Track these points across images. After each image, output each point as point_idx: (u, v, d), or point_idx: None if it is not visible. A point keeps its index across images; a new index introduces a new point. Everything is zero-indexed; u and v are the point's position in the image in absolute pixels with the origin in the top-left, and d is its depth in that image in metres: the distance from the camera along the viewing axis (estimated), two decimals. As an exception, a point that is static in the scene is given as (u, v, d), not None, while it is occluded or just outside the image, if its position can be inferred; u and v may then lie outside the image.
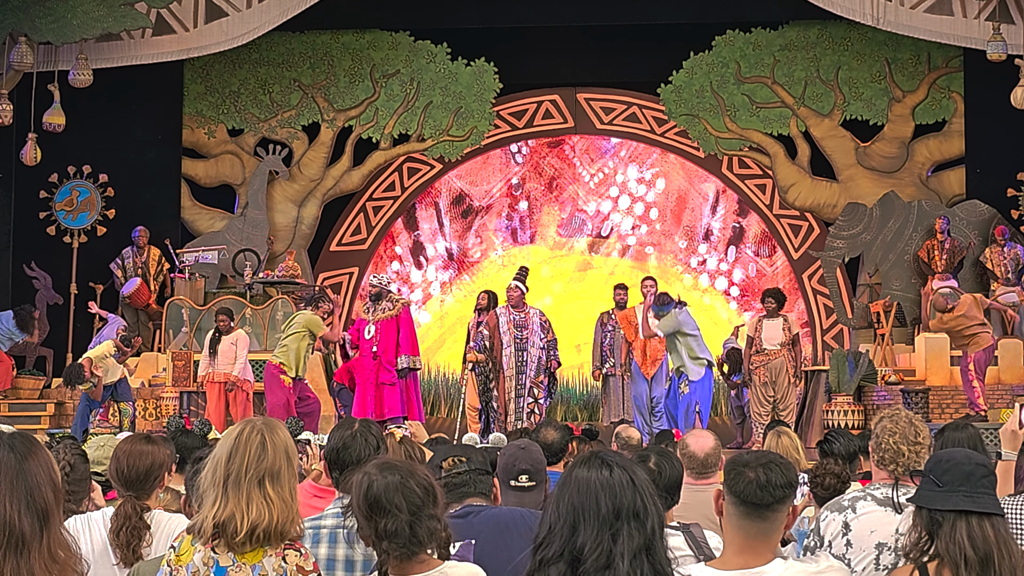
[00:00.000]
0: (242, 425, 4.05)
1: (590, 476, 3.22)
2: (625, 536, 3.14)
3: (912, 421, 5.03)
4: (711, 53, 21.20)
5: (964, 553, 3.72)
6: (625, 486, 3.21)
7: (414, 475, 3.87)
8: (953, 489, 3.81)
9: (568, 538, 3.15)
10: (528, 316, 16.63)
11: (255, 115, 21.64)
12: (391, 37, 21.55)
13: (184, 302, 19.25)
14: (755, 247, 21.69)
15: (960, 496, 3.80)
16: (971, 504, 3.78)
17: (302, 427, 12.67)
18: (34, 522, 3.19)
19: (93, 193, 20.86)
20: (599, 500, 3.17)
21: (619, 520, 3.16)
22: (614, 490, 3.19)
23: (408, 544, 3.78)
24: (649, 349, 16.91)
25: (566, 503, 3.20)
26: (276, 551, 3.96)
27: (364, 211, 21.80)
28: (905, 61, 20.94)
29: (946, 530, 3.77)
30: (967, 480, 3.82)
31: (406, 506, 3.79)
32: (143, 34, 18.64)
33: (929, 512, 3.83)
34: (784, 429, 7.87)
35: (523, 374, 16.47)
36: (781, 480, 3.81)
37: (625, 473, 3.23)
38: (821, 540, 4.88)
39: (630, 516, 3.17)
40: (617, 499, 3.18)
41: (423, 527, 3.79)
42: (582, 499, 3.18)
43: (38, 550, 3.18)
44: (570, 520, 3.17)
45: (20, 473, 3.23)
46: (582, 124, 21.77)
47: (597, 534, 3.14)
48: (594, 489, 3.19)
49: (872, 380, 17.39)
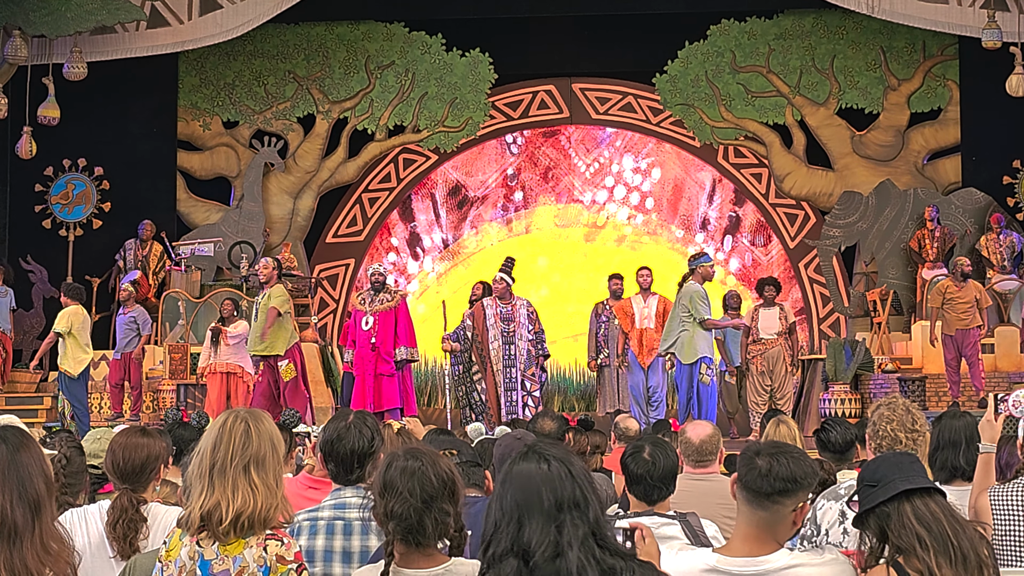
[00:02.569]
0: (226, 415, 4.08)
1: (530, 470, 3.24)
2: (569, 526, 3.17)
3: (909, 409, 5.04)
4: (706, 42, 21.19)
5: (917, 534, 3.73)
6: (564, 478, 3.23)
7: (436, 465, 3.90)
8: (888, 479, 3.83)
9: (515, 533, 3.18)
10: (515, 308, 16.60)
11: (250, 107, 21.62)
12: (386, 28, 21.53)
13: (180, 295, 19.24)
14: (751, 236, 21.70)
15: (897, 481, 3.81)
16: (908, 483, 3.80)
17: (299, 419, 12.66)
18: (26, 512, 3.20)
19: (88, 186, 20.85)
20: (541, 494, 3.19)
21: (562, 512, 3.18)
22: (554, 483, 3.21)
23: (414, 531, 3.81)
24: (645, 339, 16.90)
25: (509, 499, 3.22)
26: (257, 541, 3.96)
27: (360, 203, 21.80)
28: (900, 49, 20.93)
29: (895, 520, 3.78)
30: (898, 468, 3.86)
31: (419, 492, 3.82)
32: (137, 27, 18.62)
33: (874, 513, 3.82)
34: (784, 417, 7.86)
35: (512, 367, 16.45)
36: (785, 472, 3.80)
37: (563, 465, 3.25)
38: (818, 528, 4.89)
39: (572, 507, 3.19)
40: (558, 491, 3.20)
41: (431, 517, 3.81)
42: (524, 494, 3.20)
43: (31, 540, 3.19)
44: (515, 515, 3.19)
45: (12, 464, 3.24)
46: (577, 114, 21.76)
47: (543, 527, 3.16)
48: (535, 483, 3.21)
49: (869, 368, 17.41)
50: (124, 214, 20.47)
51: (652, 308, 16.97)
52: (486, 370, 16.57)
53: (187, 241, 20.37)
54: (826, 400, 17.03)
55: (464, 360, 16.67)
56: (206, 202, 21.55)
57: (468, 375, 16.70)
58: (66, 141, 19.97)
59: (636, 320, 16.96)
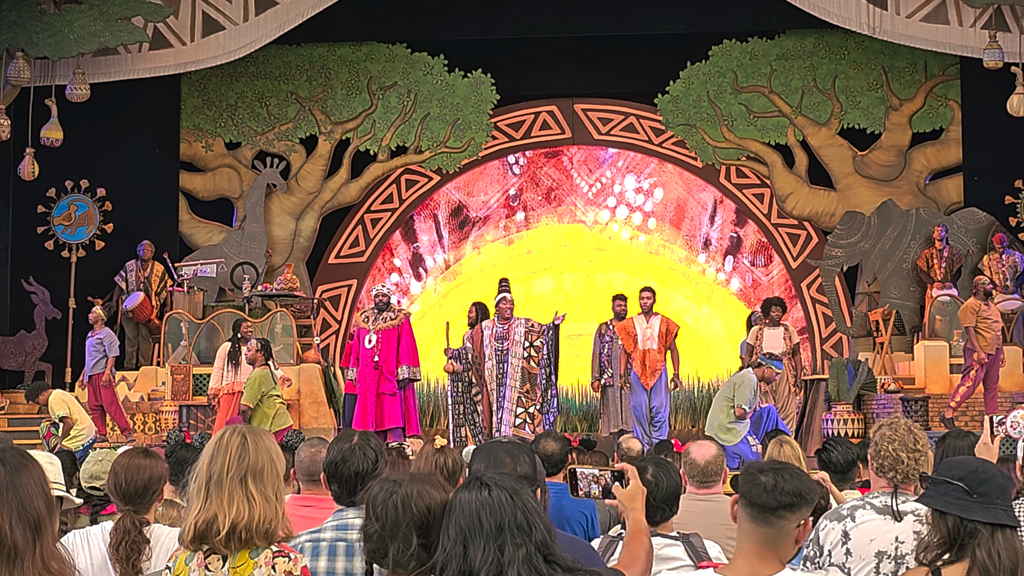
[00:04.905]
0: (224, 430, 4.08)
1: (471, 498, 3.43)
2: (511, 546, 3.34)
3: (911, 429, 5.02)
4: (708, 63, 21.22)
5: (1001, 564, 3.83)
6: (504, 503, 3.41)
7: (414, 495, 3.81)
8: (990, 501, 3.91)
9: (462, 557, 3.37)
10: (511, 327, 16.59)
11: (252, 128, 21.65)
12: (388, 49, 21.57)
13: (183, 315, 19.24)
14: (751, 256, 21.70)
15: (999, 509, 3.91)
16: (1008, 519, 3.90)
17: (301, 439, 12.65)
18: (26, 532, 3.20)
19: (91, 207, 20.87)
20: (481, 518, 3.39)
21: (502, 533, 3.36)
22: (494, 508, 3.40)
23: (377, 555, 3.80)
24: (648, 359, 16.90)
25: (454, 526, 3.42)
26: (265, 559, 3.95)
27: (362, 223, 21.81)
28: (902, 70, 20.96)
29: (984, 540, 3.87)
30: (1002, 494, 3.94)
31: (386, 518, 3.79)
32: (140, 48, 18.65)
33: (959, 520, 3.87)
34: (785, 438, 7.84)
35: (503, 385, 16.45)
36: (790, 487, 3.81)
37: (503, 492, 3.43)
38: (820, 549, 4.87)
39: (513, 528, 3.37)
40: (498, 515, 3.38)
41: (394, 545, 3.77)
42: (467, 520, 3.40)
43: (31, 560, 3.19)
44: (460, 540, 3.38)
45: (11, 485, 3.24)
46: (580, 135, 21.79)
47: (484, 548, 3.35)
48: (475, 509, 3.40)
49: (871, 389, 17.40)
50: (127, 235, 20.48)
51: (655, 329, 16.98)
52: (483, 390, 16.59)
53: (189, 262, 20.37)
54: (829, 420, 17.02)
55: (465, 380, 16.68)
56: (208, 223, 21.56)
57: (469, 395, 16.71)
58: (69, 162, 19.99)
59: (639, 341, 16.97)
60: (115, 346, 18.02)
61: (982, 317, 16.48)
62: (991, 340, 16.44)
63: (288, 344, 18.60)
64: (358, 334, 16.58)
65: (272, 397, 14.97)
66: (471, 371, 16.68)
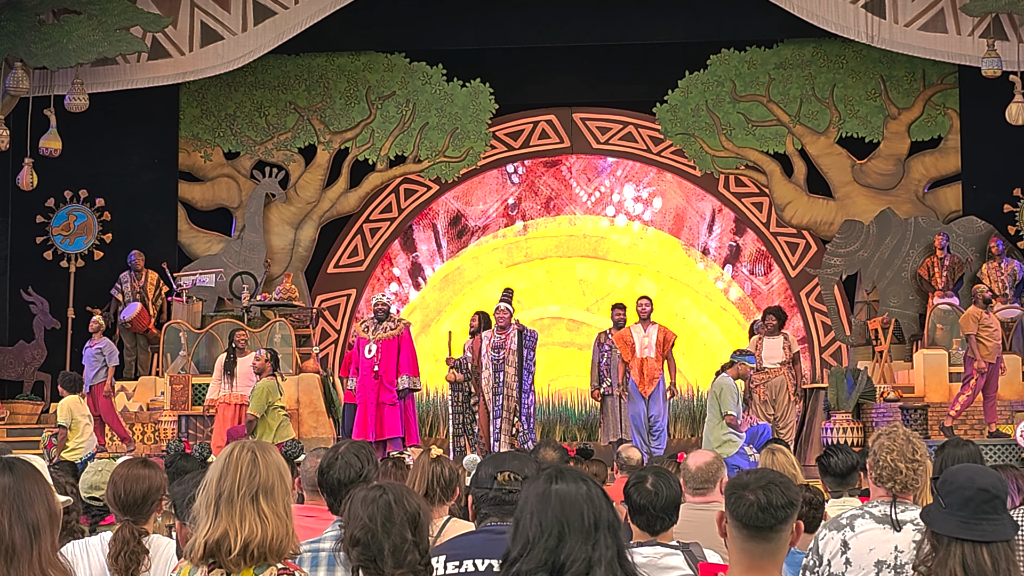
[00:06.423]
0: (232, 445, 4.06)
1: (571, 490, 3.40)
2: (603, 545, 3.35)
3: (910, 438, 5.02)
4: (706, 72, 21.22)
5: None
6: (600, 499, 3.42)
7: (401, 497, 3.97)
8: (952, 513, 3.80)
9: (553, 549, 3.33)
10: (507, 336, 16.59)
11: (251, 138, 21.65)
12: (386, 59, 21.58)
13: (182, 325, 19.23)
14: (751, 265, 21.71)
15: (957, 522, 3.79)
16: (966, 532, 3.77)
17: (301, 449, 12.65)
18: (24, 533, 3.23)
19: (90, 217, 20.87)
20: (583, 513, 3.36)
21: (598, 531, 3.36)
22: (594, 503, 3.39)
23: (373, 557, 3.88)
24: (646, 368, 16.90)
25: (550, 516, 3.36)
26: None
27: (361, 233, 21.81)
28: (900, 78, 20.97)
29: (941, 554, 3.79)
30: (965, 506, 3.81)
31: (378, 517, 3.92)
32: (139, 58, 18.65)
33: (933, 533, 3.83)
34: (778, 447, 7.83)
35: (499, 395, 16.44)
36: (782, 501, 3.80)
37: (597, 488, 3.45)
38: (820, 559, 4.87)
39: (606, 527, 3.38)
40: (597, 511, 3.38)
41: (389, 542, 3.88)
42: (568, 512, 3.36)
43: (28, 564, 3.21)
44: (555, 532, 3.34)
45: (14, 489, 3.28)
46: (578, 144, 21.79)
47: (581, 544, 3.33)
48: (578, 503, 3.38)
49: (871, 397, 17.39)
50: (125, 245, 20.48)
51: (652, 337, 16.97)
52: (481, 400, 16.61)
53: (188, 272, 20.37)
54: (828, 429, 17.00)
55: (465, 390, 16.68)
56: (207, 233, 21.55)
57: (468, 405, 16.72)
58: (67, 172, 20.00)
59: (636, 349, 16.96)
60: (115, 356, 18.03)
61: (983, 325, 16.45)
62: (992, 349, 16.43)
63: (287, 354, 18.57)
64: (358, 344, 16.57)
65: (277, 408, 15.05)
66: (471, 380, 16.69)
